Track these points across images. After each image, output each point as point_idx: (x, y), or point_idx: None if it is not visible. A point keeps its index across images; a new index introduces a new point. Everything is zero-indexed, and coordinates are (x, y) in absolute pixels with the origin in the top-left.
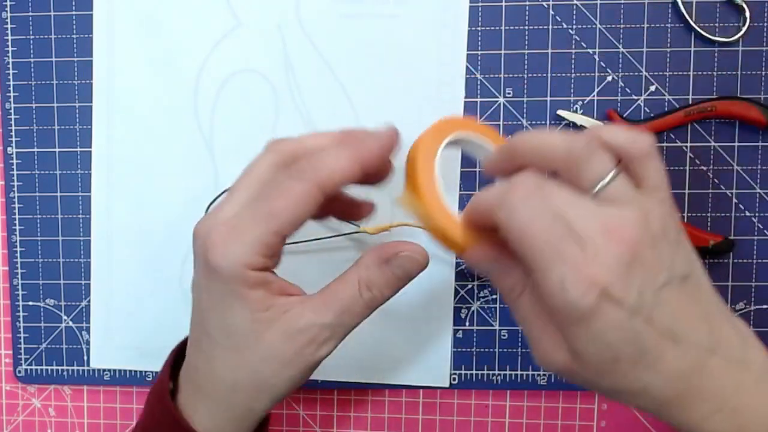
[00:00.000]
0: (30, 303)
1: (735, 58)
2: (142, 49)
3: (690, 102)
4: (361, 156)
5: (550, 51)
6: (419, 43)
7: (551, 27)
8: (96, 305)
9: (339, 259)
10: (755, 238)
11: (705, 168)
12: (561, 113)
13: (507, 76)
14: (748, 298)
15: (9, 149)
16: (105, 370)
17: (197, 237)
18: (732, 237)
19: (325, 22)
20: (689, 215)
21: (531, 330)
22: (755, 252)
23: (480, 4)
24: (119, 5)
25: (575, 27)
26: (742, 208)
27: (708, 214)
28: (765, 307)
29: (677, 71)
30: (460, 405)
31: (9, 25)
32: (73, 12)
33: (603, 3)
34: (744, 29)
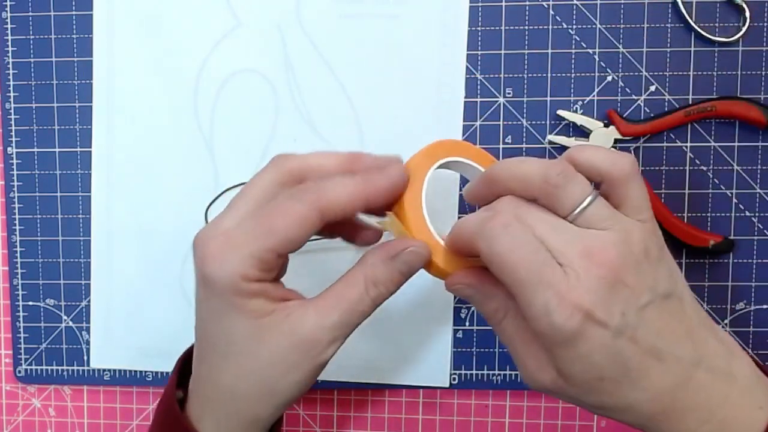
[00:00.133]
0: (30, 303)
1: (735, 58)
2: (142, 49)
3: (690, 102)
4: (368, 193)
5: (550, 51)
6: (419, 43)
7: (551, 27)
8: (96, 305)
9: (338, 259)
10: (755, 238)
11: (705, 168)
12: (561, 113)
13: (507, 76)
14: (748, 298)
15: (9, 149)
16: (105, 370)
17: (195, 247)
18: (732, 237)
19: (325, 22)
20: (689, 215)
21: (516, 351)
22: (755, 252)
23: (480, 4)
24: (119, 5)
25: (575, 27)
26: (742, 208)
27: (708, 214)
28: (765, 307)
29: (677, 71)
30: (460, 405)
31: (9, 25)
32: (73, 12)
33: (603, 3)
34: (744, 29)
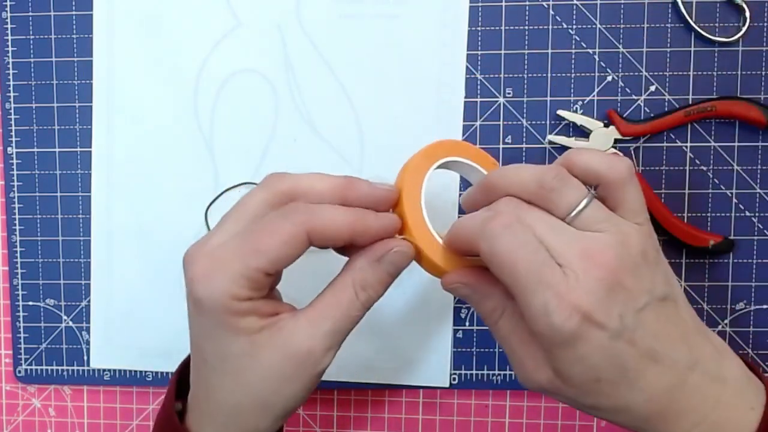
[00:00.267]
0: (30, 303)
1: (735, 58)
2: (142, 49)
3: (690, 102)
4: (356, 230)
5: (550, 51)
6: (419, 43)
7: (551, 27)
8: (96, 305)
9: (336, 259)
10: (755, 238)
11: (705, 168)
12: (561, 113)
13: (507, 76)
14: (748, 298)
15: (9, 149)
16: (105, 370)
17: (185, 266)
18: (732, 237)
19: (325, 22)
20: (689, 215)
21: (513, 350)
22: (755, 252)
23: (480, 4)
24: (119, 5)
25: (575, 27)
26: (742, 208)
27: (708, 214)
28: (765, 307)
29: (677, 71)
30: (460, 405)
31: (9, 25)
32: (73, 12)
33: (603, 3)
34: (744, 29)
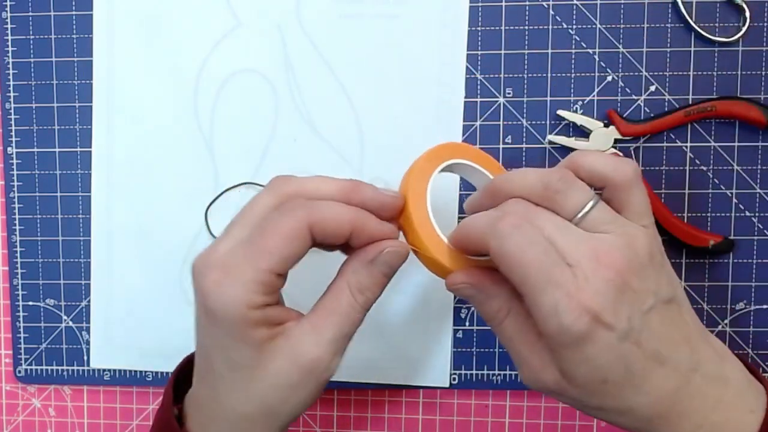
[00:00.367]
0: (30, 303)
1: (735, 58)
2: (142, 49)
3: (690, 102)
4: (357, 224)
5: (550, 51)
6: (419, 43)
7: (551, 27)
8: (96, 305)
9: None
10: (755, 238)
11: (705, 168)
12: (561, 113)
13: (507, 76)
14: (748, 298)
15: (9, 149)
16: (105, 370)
17: (195, 276)
18: (732, 237)
19: (325, 22)
20: (689, 215)
21: (518, 351)
22: (755, 252)
23: (480, 4)
24: (119, 5)
25: (575, 27)
26: (742, 208)
27: (708, 214)
28: (765, 307)
29: (677, 71)
30: (460, 405)
31: (9, 25)
32: (73, 12)
33: (603, 3)
34: (744, 29)
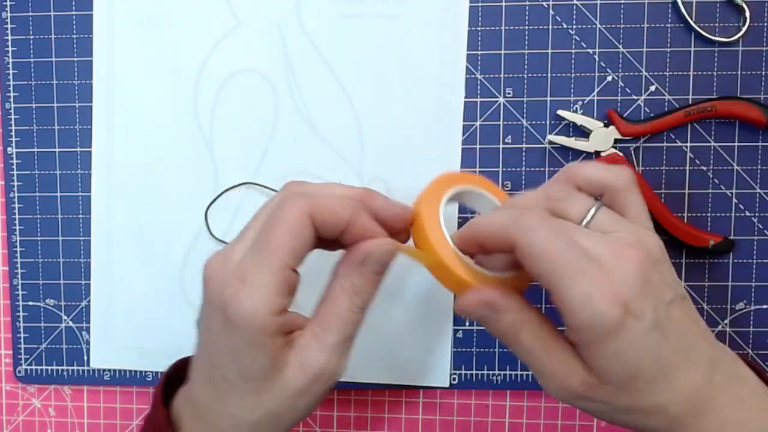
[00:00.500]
0: (30, 303)
1: (735, 58)
2: (142, 49)
3: (690, 102)
4: (353, 218)
5: (550, 51)
6: (419, 43)
7: (551, 27)
8: (96, 305)
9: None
10: (755, 238)
11: (705, 168)
12: (561, 113)
13: (507, 76)
14: (748, 298)
15: (9, 149)
16: (105, 370)
17: (211, 284)
18: (732, 237)
19: (325, 22)
20: (689, 215)
21: (539, 360)
22: (755, 252)
23: (480, 4)
24: (119, 5)
25: (575, 27)
26: (742, 208)
27: (708, 214)
28: (765, 307)
29: (677, 71)
30: (460, 405)
31: (9, 25)
32: (73, 12)
33: (603, 3)
34: (744, 29)
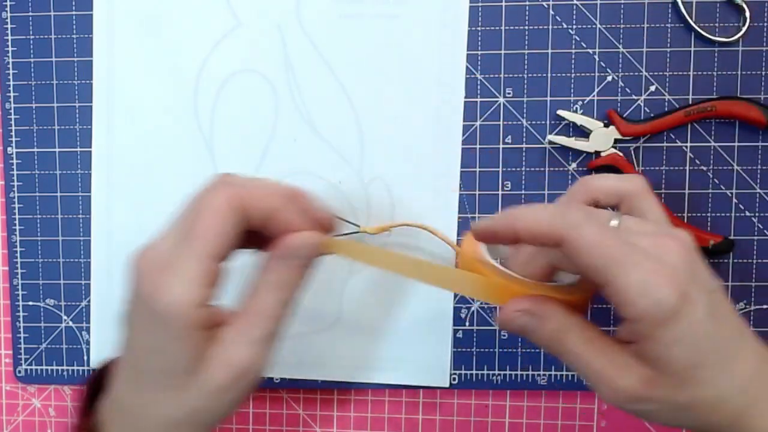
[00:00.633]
0: (30, 303)
1: (735, 58)
2: (142, 49)
3: (690, 102)
4: (281, 208)
5: (550, 51)
6: (419, 43)
7: (551, 27)
8: (96, 305)
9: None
10: (755, 238)
11: (705, 168)
12: (561, 113)
13: (507, 76)
14: (748, 298)
15: (9, 149)
16: None
17: (135, 276)
18: (732, 237)
19: (325, 22)
20: (689, 215)
21: (590, 363)
22: (755, 252)
23: (480, 4)
24: (119, 5)
25: (575, 27)
26: (742, 208)
27: (708, 214)
28: (765, 307)
29: (677, 71)
30: (460, 405)
31: (9, 25)
32: (73, 12)
33: (603, 3)
34: (744, 29)
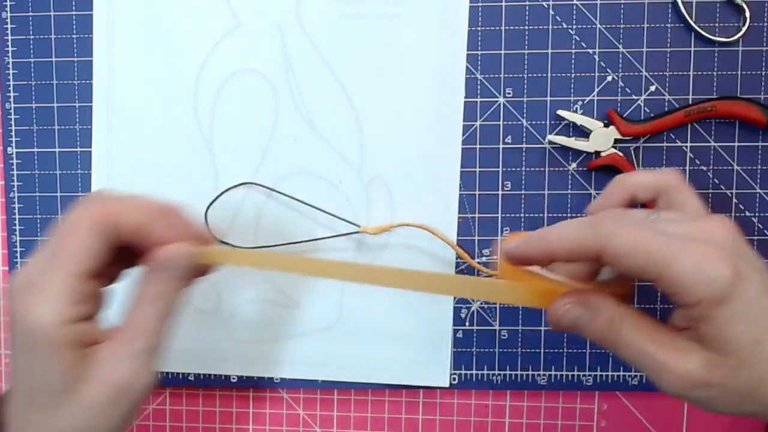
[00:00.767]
0: None
1: (735, 58)
2: (142, 49)
3: (690, 102)
4: (151, 222)
5: (550, 51)
6: (419, 43)
7: (551, 27)
8: None
9: (339, 260)
10: (755, 238)
11: (705, 168)
12: (561, 113)
13: (507, 76)
14: None
15: (9, 149)
16: None
17: (7, 296)
18: None
19: (325, 22)
20: None
21: (646, 352)
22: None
23: (480, 4)
24: (119, 5)
25: (575, 27)
26: (742, 208)
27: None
28: None
29: (677, 71)
30: (460, 405)
31: (9, 25)
32: (73, 12)
33: (603, 3)
34: (744, 29)
